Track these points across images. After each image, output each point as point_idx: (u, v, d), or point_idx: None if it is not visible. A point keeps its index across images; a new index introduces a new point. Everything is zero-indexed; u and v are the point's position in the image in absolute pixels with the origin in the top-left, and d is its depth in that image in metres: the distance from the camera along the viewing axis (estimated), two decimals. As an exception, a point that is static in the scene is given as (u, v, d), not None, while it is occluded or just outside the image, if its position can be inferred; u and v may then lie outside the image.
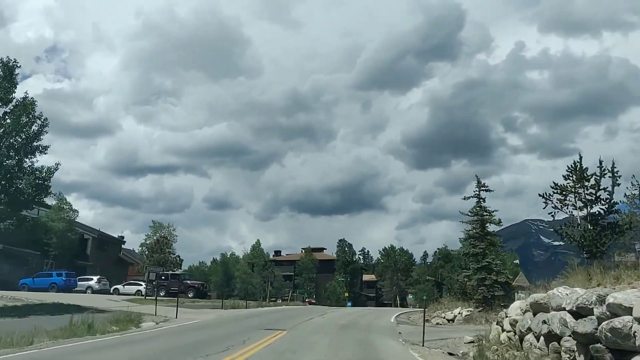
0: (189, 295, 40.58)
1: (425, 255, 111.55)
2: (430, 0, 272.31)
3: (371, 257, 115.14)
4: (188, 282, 44.00)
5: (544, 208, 25.79)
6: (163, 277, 41.66)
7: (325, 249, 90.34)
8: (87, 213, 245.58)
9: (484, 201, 32.84)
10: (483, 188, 32.69)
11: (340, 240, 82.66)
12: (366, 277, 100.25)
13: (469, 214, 33.04)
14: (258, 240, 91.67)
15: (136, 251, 64.16)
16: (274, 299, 63.30)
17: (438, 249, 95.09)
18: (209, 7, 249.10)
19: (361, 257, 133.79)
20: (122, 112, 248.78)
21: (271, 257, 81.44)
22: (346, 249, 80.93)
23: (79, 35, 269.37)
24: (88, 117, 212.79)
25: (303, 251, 77.92)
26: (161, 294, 34.65)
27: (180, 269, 53.79)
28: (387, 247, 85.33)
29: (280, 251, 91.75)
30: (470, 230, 32.80)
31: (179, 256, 53.85)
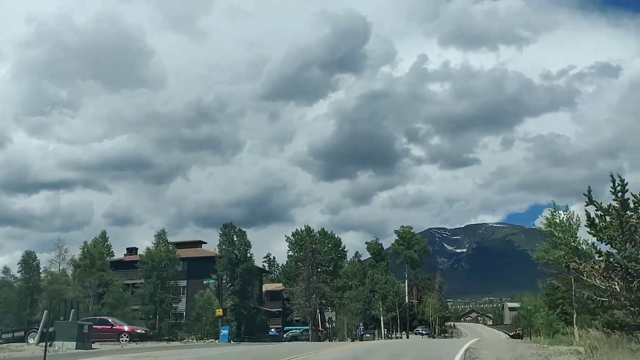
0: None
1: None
2: (336, 12, 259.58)
3: (277, 264, 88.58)
4: None
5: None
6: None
7: (205, 242, 61.24)
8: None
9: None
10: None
11: (225, 226, 54.40)
12: (269, 286, 72.39)
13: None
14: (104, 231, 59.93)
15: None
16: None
17: (367, 242, 70.91)
18: (109, 15, 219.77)
19: (265, 264, 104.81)
20: (12, 124, 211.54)
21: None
22: (235, 239, 52.71)
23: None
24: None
25: (154, 245, 46.65)
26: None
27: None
28: (299, 229, 58.35)
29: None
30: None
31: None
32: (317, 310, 41.55)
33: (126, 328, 27.69)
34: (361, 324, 48.18)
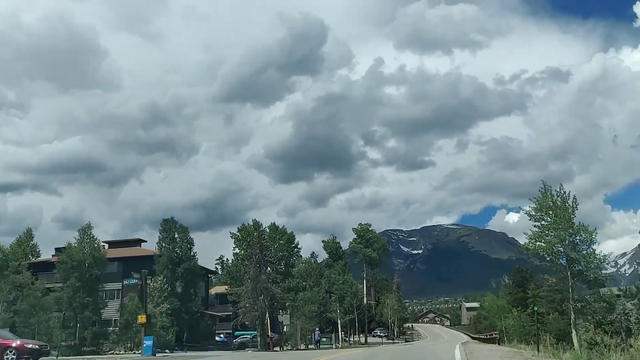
0: None
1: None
2: (293, 15, 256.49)
3: (230, 266, 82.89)
4: None
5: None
6: None
7: (145, 241, 55.33)
8: None
9: None
10: None
11: (165, 222, 48.42)
12: (219, 289, 67.04)
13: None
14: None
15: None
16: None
17: (324, 241, 66.58)
18: (60, 15, 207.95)
19: (218, 266, 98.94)
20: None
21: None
22: (177, 236, 46.89)
23: None
24: None
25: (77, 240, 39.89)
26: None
27: None
28: (247, 224, 52.42)
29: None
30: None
31: None
32: (267, 314, 36.52)
33: (14, 343, 22.09)
34: (317, 329, 43.52)
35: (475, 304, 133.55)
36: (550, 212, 22.10)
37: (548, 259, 23.22)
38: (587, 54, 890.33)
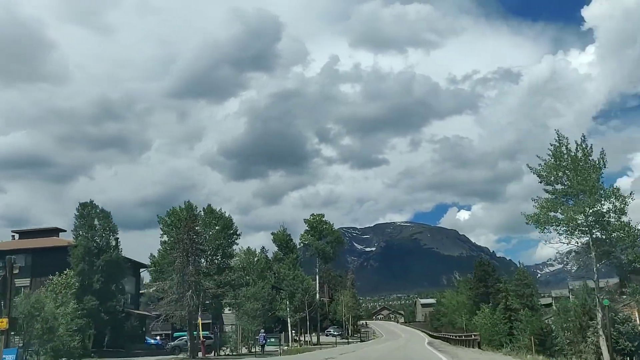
0: None
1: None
2: (247, 10, 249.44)
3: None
4: None
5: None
6: None
7: (64, 230, 47.81)
8: None
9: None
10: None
11: (82, 206, 41.02)
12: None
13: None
14: None
15: None
16: None
17: (273, 233, 60.89)
18: (5, 5, 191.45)
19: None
20: None
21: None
22: (97, 222, 39.66)
23: None
24: None
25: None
26: None
27: None
28: (178, 207, 44.81)
29: None
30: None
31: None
32: (199, 313, 30.17)
33: None
34: (262, 330, 37.38)
35: (431, 300, 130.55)
36: (568, 172, 16.93)
37: (563, 236, 17.93)
38: (536, 56, 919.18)
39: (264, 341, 36.31)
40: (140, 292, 52.35)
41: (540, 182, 17.96)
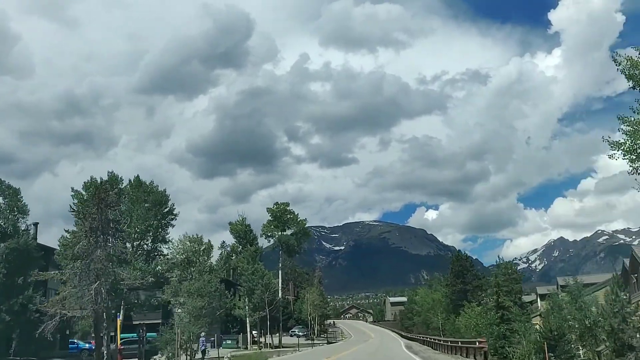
0: None
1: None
2: (218, 6, 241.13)
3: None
4: None
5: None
6: None
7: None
8: None
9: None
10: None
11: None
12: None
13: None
14: None
15: None
16: None
17: (230, 223, 54.36)
18: None
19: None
20: None
21: None
22: (1, 201, 32.03)
23: None
24: None
25: None
26: None
27: None
28: (98, 179, 37.08)
29: None
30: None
31: None
32: (119, 313, 23.34)
33: None
34: (202, 334, 30.30)
35: (402, 299, 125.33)
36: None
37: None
38: (504, 58, 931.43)
39: (203, 346, 29.48)
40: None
41: (624, 157, 12.36)
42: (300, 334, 71.85)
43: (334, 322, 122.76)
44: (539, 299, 56.19)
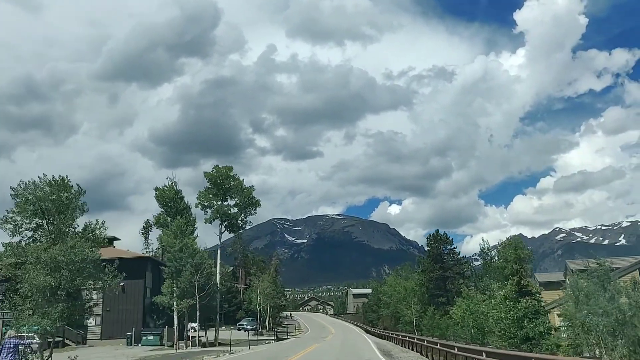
0: None
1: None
2: None
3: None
4: None
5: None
6: None
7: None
8: None
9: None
10: None
11: None
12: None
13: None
14: None
15: None
16: None
17: (157, 188, 42.39)
18: None
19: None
20: None
21: None
22: None
23: None
24: None
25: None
26: None
27: None
28: None
29: None
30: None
31: None
32: None
33: None
34: (12, 333, 18.33)
35: (366, 290, 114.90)
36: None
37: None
38: (470, 56, 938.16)
39: (12, 354, 17.45)
40: None
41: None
42: (248, 327, 60.72)
43: (291, 314, 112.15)
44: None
